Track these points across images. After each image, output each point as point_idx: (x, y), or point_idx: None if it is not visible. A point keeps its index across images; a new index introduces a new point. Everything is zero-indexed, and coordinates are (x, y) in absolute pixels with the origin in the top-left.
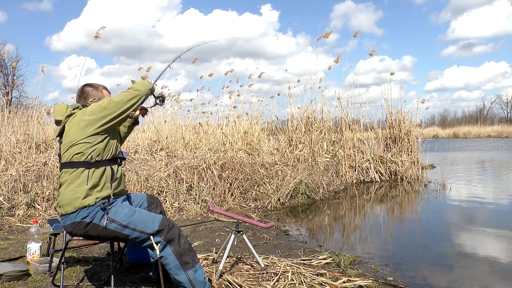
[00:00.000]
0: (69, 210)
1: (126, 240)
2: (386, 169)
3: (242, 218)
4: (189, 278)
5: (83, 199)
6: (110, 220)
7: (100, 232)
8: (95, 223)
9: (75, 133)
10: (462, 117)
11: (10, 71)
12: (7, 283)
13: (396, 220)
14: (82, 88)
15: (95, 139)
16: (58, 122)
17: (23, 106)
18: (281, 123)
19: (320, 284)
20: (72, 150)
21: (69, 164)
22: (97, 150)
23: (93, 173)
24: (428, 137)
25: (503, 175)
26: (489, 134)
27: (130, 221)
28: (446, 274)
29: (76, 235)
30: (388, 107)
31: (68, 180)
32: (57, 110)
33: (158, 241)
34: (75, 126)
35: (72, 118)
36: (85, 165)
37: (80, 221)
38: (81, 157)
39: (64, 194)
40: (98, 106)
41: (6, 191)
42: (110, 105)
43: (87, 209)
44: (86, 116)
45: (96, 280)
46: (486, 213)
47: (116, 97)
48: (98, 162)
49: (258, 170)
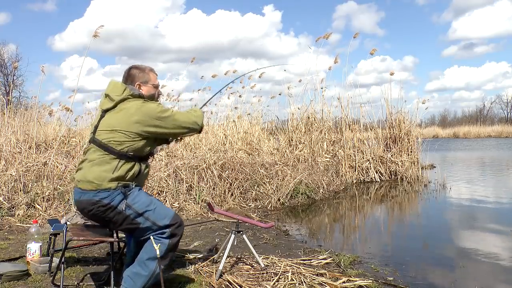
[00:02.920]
0: (89, 188)
1: (134, 229)
2: (386, 169)
3: (242, 218)
4: (154, 271)
5: (106, 182)
6: (128, 206)
7: (113, 216)
8: (113, 206)
9: (121, 122)
10: (462, 117)
11: (10, 71)
12: (7, 283)
13: (396, 220)
14: (128, 70)
15: (137, 137)
16: (111, 100)
17: (23, 106)
18: (281, 123)
19: (320, 284)
20: (112, 135)
21: (103, 146)
22: (134, 147)
23: (122, 165)
24: (428, 137)
25: (503, 175)
26: (489, 134)
27: (145, 211)
28: (446, 274)
29: (86, 213)
30: (388, 107)
31: (96, 160)
32: (114, 87)
33: (164, 233)
34: (125, 115)
35: (127, 103)
36: (118, 155)
37: (98, 200)
38: (117, 146)
39: (88, 172)
40: (157, 112)
41: (6, 191)
42: (168, 120)
43: (107, 191)
44: (141, 114)
45: (96, 280)
46: (486, 213)
47: (178, 117)
48: (130, 157)
49: (258, 170)
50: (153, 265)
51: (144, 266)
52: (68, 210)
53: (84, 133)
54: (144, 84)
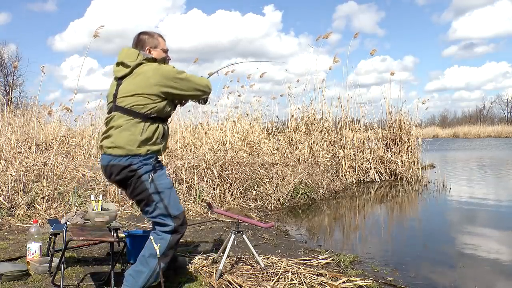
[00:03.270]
0: (120, 153)
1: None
2: (386, 169)
3: (242, 218)
4: (155, 269)
5: (137, 147)
6: (152, 179)
7: (135, 183)
8: (139, 173)
9: (141, 85)
10: (462, 117)
11: (10, 71)
12: (7, 283)
13: (396, 220)
14: (138, 36)
15: (157, 98)
16: (126, 66)
17: (23, 106)
18: (281, 123)
19: (320, 284)
20: (134, 99)
21: (127, 111)
22: (156, 108)
23: (148, 127)
24: (428, 137)
25: (503, 175)
26: (489, 134)
27: (164, 192)
28: (447, 274)
29: (113, 178)
30: (388, 107)
31: (123, 126)
32: (127, 54)
33: (168, 225)
34: (144, 78)
35: (142, 68)
36: (142, 117)
37: (128, 165)
38: (141, 109)
39: (118, 137)
40: (175, 73)
41: (6, 191)
42: (184, 82)
43: (138, 157)
44: (159, 76)
45: (96, 280)
46: (486, 213)
47: (193, 80)
48: (154, 118)
49: (258, 170)
50: (153, 262)
51: (145, 263)
52: (68, 210)
53: (84, 133)
54: (154, 48)
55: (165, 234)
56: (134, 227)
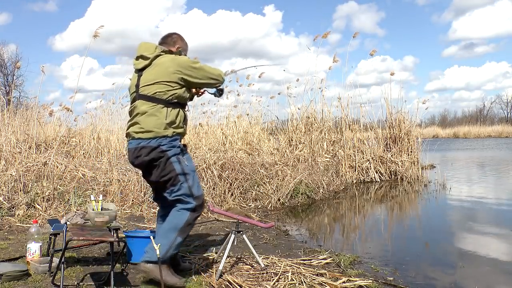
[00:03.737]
0: (150, 136)
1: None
2: (386, 169)
3: (242, 218)
4: (173, 241)
5: (163, 129)
6: (179, 161)
7: (164, 164)
8: (168, 155)
9: (161, 74)
10: (462, 117)
11: (10, 71)
12: (7, 283)
13: (396, 220)
14: (171, 34)
15: (176, 85)
16: (145, 58)
17: (23, 106)
18: (281, 123)
19: (320, 284)
20: (156, 87)
21: (150, 98)
22: (176, 94)
23: (171, 112)
24: (428, 137)
25: (503, 175)
26: (489, 134)
27: (189, 174)
28: (447, 274)
29: (138, 157)
30: (388, 107)
31: (148, 112)
32: (145, 48)
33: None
34: (162, 68)
35: (160, 59)
36: (164, 103)
37: (157, 146)
38: (163, 95)
39: (145, 122)
40: (190, 63)
41: (6, 191)
42: (198, 70)
43: (165, 138)
44: (176, 65)
45: (96, 280)
46: (486, 213)
47: (206, 69)
48: (175, 103)
49: (258, 170)
50: (172, 235)
51: (164, 236)
52: (68, 210)
53: (84, 133)
54: (173, 43)
55: (185, 211)
56: (134, 227)
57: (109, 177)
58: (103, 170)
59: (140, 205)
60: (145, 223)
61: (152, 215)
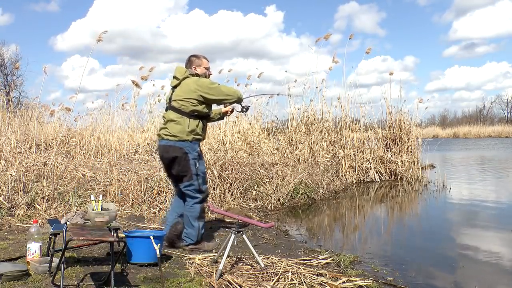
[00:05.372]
0: (175, 139)
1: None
2: (386, 169)
3: (242, 218)
4: (198, 225)
5: (186, 135)
6: (195, 163)
7: (183, 162)
8: (189, 157)
9: (186, 92)
10: (462, 117)
11: (10, 71)
12: (7, 283)
13: (396, 220)
14: (189, 58)
15: (196, 102)
16: (177, 78)
17: (23, 106)
18: (281, 123)
19: (320, 284)
20: (182, 102)
21: (178, 110)
22: (196, 109)
23: (192, 122)
24: (428, 137)
25: (503, 175)
26: (489, 134)
27: (200, 175)
28: (446, 274)
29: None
30: (388, 107)
31: (175, 121)
32: (178, 71)
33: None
34: (187, 87)
35: (187, 80)
36: (188, 115)
37: (179, 147)
38: (186, 109)
39: (173, 128)
40: (208, 84)
41: (6, 191)
42: (215, 89)
43: (186, 142)
44: (197, 85)
45: (96, 280)
46: (487, 213)
47: (222, 88)
48: (196, 116)
49: (258, 170)
50: (195, 222)
51: (190, 225)
52: (68, 210)
53: (84, 133)
54: (198, 66)
55: (195, 204)
56: (134, 227)
57: (109, 177)
58: (103, 170)
59: (140, 205)
60: (145, 223)
61: (152, 215)
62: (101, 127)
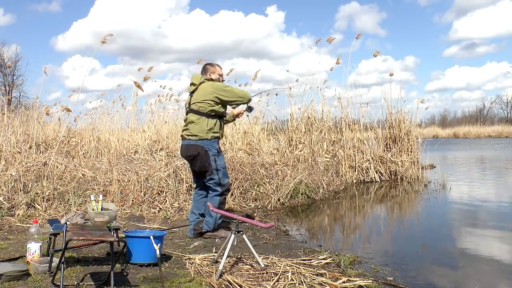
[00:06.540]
0: (195, 138)
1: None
2: (386, 169)
3: (242, 218)
4: (216, 215)
5: (205, 134)
6: (215, 159)
7: (205, 158)
8: (209, 154)
9: (203, 95)
10: (462, 117)
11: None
12: (7, 283)
13: (396, 220)
14: (204, 66)
15: (213, 103)
16: (193, 84)
17: (23, 106)
18: (281, 123)
19: (320, 284)
20: (200, 104)
21: (197, 112)
22: (213, 109)
23: (210, 121)
24: (428, 137)
25: (503, 175)
26: (489, 134)
27: (220, 170)
28: (447, 274)
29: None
30: (388, 107)
31: (195, 122)
32: (195, 78)
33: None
34: (204, 91)
35: (203, 84)
36: (206, 115)
37: (200, 145)
38: (204, 110)
39: (193, 129)
40: (222, 87)
41: (6, 191)
42: (228, 91)
43: (206, 140)
44: (213, 88)
45: (96, 280)
46: (487, 213)
47: (235, 90)
48: (213, 115)
49: (258, 170)
50: (213, 213)
51: (209, 215)
52: (68, 210)
53: (84, 133)
54: (213, 73)
55: (215, 196)
56: (134, 227)
57: (109, 177)
58: (103, 170)
59: (140, 205)
60: (145, 223)
61: (152, 215)
62: (101, 127)
